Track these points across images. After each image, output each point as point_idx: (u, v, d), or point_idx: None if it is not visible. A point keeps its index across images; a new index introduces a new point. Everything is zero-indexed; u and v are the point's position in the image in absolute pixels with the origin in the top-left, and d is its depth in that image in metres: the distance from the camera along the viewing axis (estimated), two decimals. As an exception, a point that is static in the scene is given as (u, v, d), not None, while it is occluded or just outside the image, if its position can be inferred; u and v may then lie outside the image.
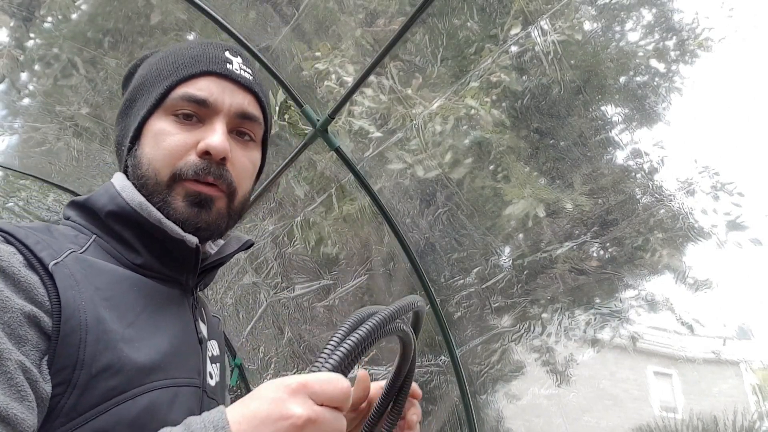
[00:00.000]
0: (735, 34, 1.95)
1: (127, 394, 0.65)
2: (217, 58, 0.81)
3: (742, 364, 2.13)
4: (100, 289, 0.68)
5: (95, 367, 0.63)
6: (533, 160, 2.42)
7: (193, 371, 0.76)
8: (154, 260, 0.77)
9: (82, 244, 0.73)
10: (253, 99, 0.83)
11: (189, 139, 0.77)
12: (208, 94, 0.78)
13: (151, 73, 0.82)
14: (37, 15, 2.92)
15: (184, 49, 0.82)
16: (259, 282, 3.38)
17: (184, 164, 0.76)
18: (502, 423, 2.69)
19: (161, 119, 0.78)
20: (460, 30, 2.36)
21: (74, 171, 3.54)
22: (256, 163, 0.85)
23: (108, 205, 0.77)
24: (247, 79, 0.82)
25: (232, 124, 0.80)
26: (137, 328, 0.69)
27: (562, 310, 2.38)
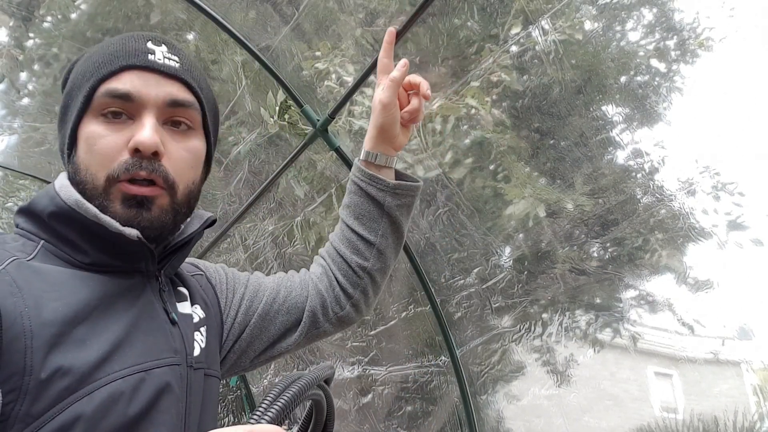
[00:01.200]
0: (736, 33, 1.95)
1: (81, 392, 0.65)
2: (138, 50, 0.78)
3: (742, 365, 2.13)
4: (47, 292, 0.68)
5: (44, 371, 0.63)
6: (534, 160, 2.42)
7: (165, 351, 0.76)
8: (103, 256, 0.76)
9: (30, 252, 0.73)
10: (183, 86, 0.80)
11: (119, 139, 0.76)
12: (131, 87, 0.76)
13: (77, 76, 0.80)
14: (37, 15, 2.92)
15: (105, 46, 0.80)
16: (259, 282, 3.37)
17: (117, 165, 0.75)
18: (503, 423, 2.68)
19: (91, 122, 0.77)
20: (461, 30, 2.36)
21: (74, 171, 3.53)
22: (196, 151, 0.83)
23: (48, 206, 0.76)
24: (172, 66, 0.79)
25: (163, 115, 0.78)
26: (89, 326, 0.69)
27: (562, 311, 2.37)
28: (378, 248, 1.06)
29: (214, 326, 0.95)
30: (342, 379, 3.18)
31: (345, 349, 3.18)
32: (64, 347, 0.66)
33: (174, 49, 0.82)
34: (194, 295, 0.93)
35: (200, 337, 0.87)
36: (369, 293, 1.09)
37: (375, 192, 1.06)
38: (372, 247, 1.06)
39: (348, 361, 3.15)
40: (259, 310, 1.02)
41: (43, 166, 3.60)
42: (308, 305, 1.04)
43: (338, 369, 3.19)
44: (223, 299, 1.01)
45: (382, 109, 1.03)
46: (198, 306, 0.92)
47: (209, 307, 0.95)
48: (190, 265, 1.02)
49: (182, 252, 0.86)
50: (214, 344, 0.93)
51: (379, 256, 1.07)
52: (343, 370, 3.17)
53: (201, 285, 0.98)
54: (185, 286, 0.93)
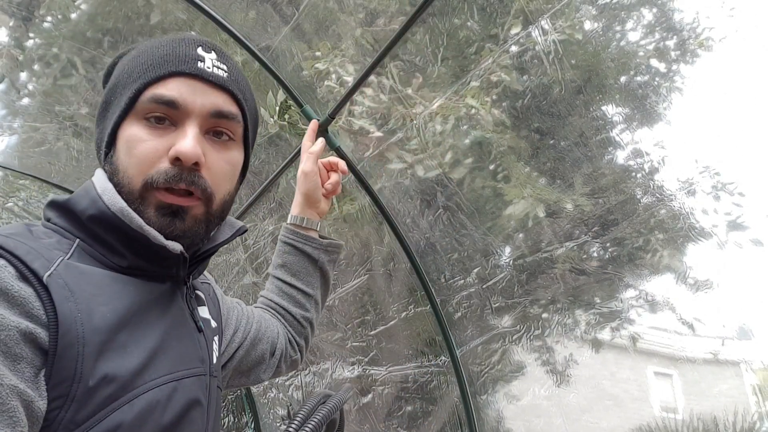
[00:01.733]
0: (736, 33, 1.94)
1: (122, 400, 0.65)
2: (188, 57, 0.77)
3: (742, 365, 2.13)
4: (96, 296, 0.67)
5: (93, 379, 0.63)
6: (534, 160, 2.42)
7: (194, 360, 0.77)
8: (141, 261, 0.75)
9: (66, 250, 0.71)
10: (229, 97, 0.79)
11: (160, 146, 0.74)
12: (178, 94, 0.75)
13: (123, 75, 0.79)
14: (37, 15, 2.92)
15: (155, 48, 0.79)
16: (259, 282, 3.37)
17: (156, 172, 0.74)
18: (503, 423, 2.68)
19: (133, 124, 0.76)
20: (461, 30, 2.36)
21: (74, 171, 3.53)
22: (235, 163, 0.82)
23: (89, 209, 0.74)
24: (220, 77, 0.78)
25: (206, 125, 0.77)
26: (130, 331, 0.69)
27: (562, 311, 2.37)
28: (315, 299, 1.21)
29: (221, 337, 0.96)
30: (342, 379, 3.18)
31: (345, 349, 3.18)
32: (110, 354, 0.65)
33: (223, 58, 0.81)
34: (208, 303, 0.93)
35: (215, 346, 0.87)
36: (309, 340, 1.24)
37: (310, 250, 1.20)
38: (311, 299, 1.20)
39: (348, 361, 3.15)
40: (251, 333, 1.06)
41: (43, 166, 3.60)
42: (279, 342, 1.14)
43: (338, 369, 3.19)
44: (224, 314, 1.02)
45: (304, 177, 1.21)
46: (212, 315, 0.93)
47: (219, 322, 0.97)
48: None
49: (208, 259, 0.86)
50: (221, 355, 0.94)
51: (315, 305, 1.22)
52: (343, 370, 3.17)
53: (209, 294, 0.98)
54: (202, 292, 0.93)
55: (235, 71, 0.82)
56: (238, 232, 0.87)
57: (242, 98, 0.81)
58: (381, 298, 3.01)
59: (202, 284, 0.99)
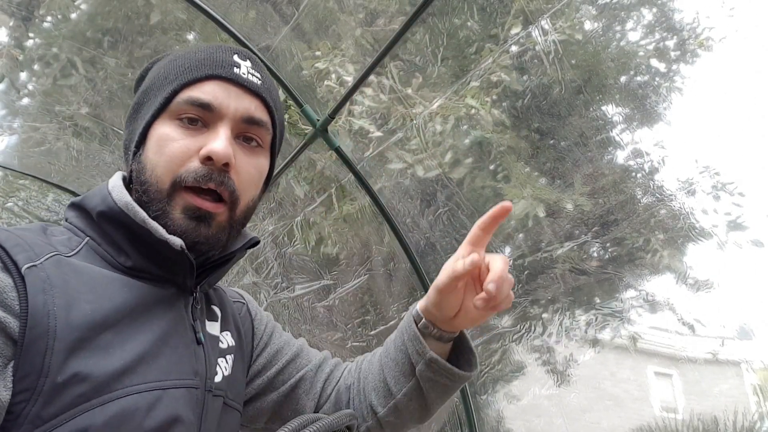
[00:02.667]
0: (736, 33, 1.94)
1: (94, 401, 0.63)
2: (224, 62, 0.79)
3: (742, 365, 2.12)
4: (81, 293, 0.67)
5: (62, 375, 0.62)
6: (533, 160, 2.42)
7: (187, 372, 0.74)
8: (144, 262, 0.75)
9: (74, 247, 0.72)
10: (261, 103, 0.80)
11: (192, 145, 0.75)
12: (213, 97, 0.76)
13: (159, 77, 0.80)
14: (37, 15, 2.92)
15: (192, 53, 0.80)
16: (259, 282, 3.37)
17: (185, 170, 0.74)
18: (503, 423, 2.68)
19: (166, 124, 0.77)
20: (461, 29, 2.36)
21: (74, 171, 3.53)
22: (262, 170, 0.83)
23: (99, 205, 0.75)
24: (255, 83, 0.80)
25: (237, 129, 0.78)
26: (117, 332, 0.68)
27: (562, 311, 2.37)
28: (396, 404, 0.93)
29: (243, 357, 0.93)
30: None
31: (345, 349, 3.18)
32: (87, 353, 0.64)
33: (257, 66, 0.83)
34: (227, 321, 0.91)
35: (225, 365, 0.84)
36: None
37: (412, 350, 0.89)
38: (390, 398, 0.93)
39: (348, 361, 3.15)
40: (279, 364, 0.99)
41: (43, 166, 3.60)
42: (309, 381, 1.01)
43: (338, 369, 3.19)
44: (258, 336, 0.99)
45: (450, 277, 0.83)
46: (229, 333, 0.90)
47: (242, 337, 0.94)
48: (234, 292, 1.01)
49: (221, 269, 0.85)
50: (240, 376, 0.91)
51: (395, 411, 0.93)
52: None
53: (240, 313, 0.97)
54: (220, 309, 0.91)
55: (268, 80, 0.84)
56: (249, 243, 0.85)
57: (273, 107, 0.83)
58: (381, 298, 3.01)
59: (234, 302, 0.97)
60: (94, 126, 3.15)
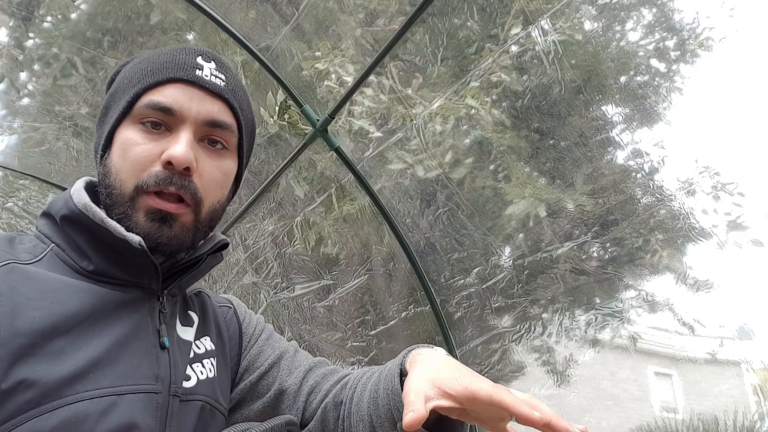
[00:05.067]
0: (735, 33, 1.94)
1: (43, 407, 0.63)
2: (186, 64, 0.78)
3: (742, 365, 2.12)
4: (31, 300, 0.67)
5: (7, 381, 0.62)
6: (534, 160, 2.42)
7: (146, 377, 0.73)
8: (107, 265, 0.75)
9: (37, 254, 0.73)
10: (224, 105, 0.80)
11: (154, 150, 0.75)
12: (173, 101, 0.76)
13: (123, 80, 0.80)
14: (37, 15, 2.92)
15: (155, 56, 0.80)
16: (259, 282, 3.37)
17: (147, 175, 0.74)
18: (503, 423, 2.68)
19: (129, 128, 0.77)
20: (461, 30, 2.36)
21: (74, 171, 3.53)
22: (227, 172, 0.82)
23: (61, 209, 0.76)
24: (218, 85, 0.79)
25: (200, 133, 0.78)
26: (71, 338, 0.67)
27: (562, 311, 2.37)
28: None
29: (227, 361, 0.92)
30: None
31: (345, 349, 3.18)
32: (35, 359, 0.64)
33: (222, 68, 0.82)
34: (208, 326, 0.90)
35: (200, 369, 0.83)
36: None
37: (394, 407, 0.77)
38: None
39: (348, 361, 3.15)
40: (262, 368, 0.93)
41: (43, 166, 3.60)
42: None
43: (338, 369, 3.19)
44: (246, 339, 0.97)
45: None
46: (209, 337, 0.88)
47: (224, 341, 0.92)
48: (222, 298, 1.00)
49: (191, 273, 0.84)
50: (224, 378, 0.89)
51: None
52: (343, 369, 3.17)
53: (225, 317, 0.96)
54: (201, 314, 0.90)
55: (233, 82, 0.82)
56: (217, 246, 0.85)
57: (238, 108, 0.81)
58: (381, 298, 3.01)
59: (220, 307, 0.96)
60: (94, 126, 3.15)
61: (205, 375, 0.83)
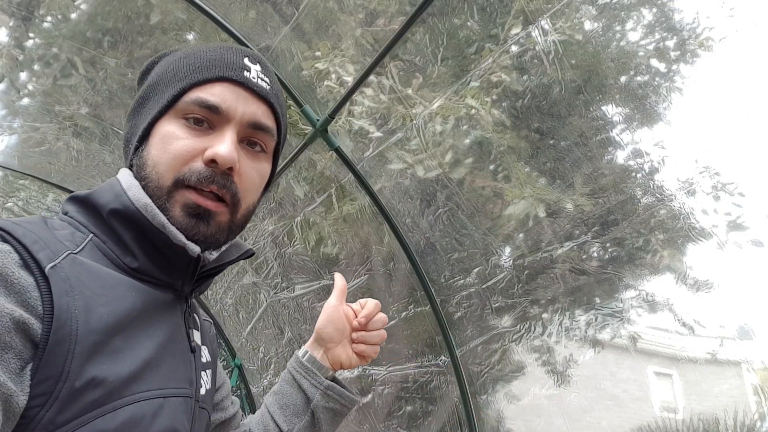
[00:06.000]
0: (735, 33, 1.94)
1: (107, 407, 0.62)
2: (235, 65, 0.78)
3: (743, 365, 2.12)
4: (97, 295, 0.65)
5: (80, 380, 0.60)
6: (534, 160, 2.42)
7: (184, 381, 0.74)
8: (150, 265, 0.74)
9: (78, 243, 0.70)
10: (268, 109, 0.80)
11: (197, 145, 0.74)
12: (221, 100, 0.75)
13: (167, 73, 0.79)
14: (37, 15, 2.92)
15: (203, 52, 0.79)
16: (259, 282, 3.37)
17: (188, 170, 0.73)
18: (503, 423, 2.68)
19: (171, 122, 0.76)
20: (461, 29, 2.36)
21: (74, 171, 3.53)
22: (264, 175, 0.83)
23: (112, 202, 0.73)
24: (264, 88, 0.79)
25: (243, 134, 0.78)
26: (126, 337, 0.67)
27: (562, 311, 2.37)
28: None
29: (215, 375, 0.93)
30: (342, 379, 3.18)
31: (345, 349, 3.17)
32: (101, 357, 0.63)
33: (267, 71, 0.82)
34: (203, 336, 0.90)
35: (206, 378, 0.84)
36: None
37: (307, 385, 1.02)
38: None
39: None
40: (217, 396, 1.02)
41: (42, 166, 3.60)
42: None
43: (338, 369, 3.19)
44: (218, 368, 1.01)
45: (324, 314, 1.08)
46: (206, 348, 0.90)
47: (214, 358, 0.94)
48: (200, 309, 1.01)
49: (211, 279, 0.84)
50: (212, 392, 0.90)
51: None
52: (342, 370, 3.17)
53: (210, 332, 0.97)
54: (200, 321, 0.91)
55: (276, 86, 0.83)
56: (244, 255, 0.85)
57: (280, 113, 0.82)
58: (381, 298, 3.00)
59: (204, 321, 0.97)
60: (94, 126, 3.15)
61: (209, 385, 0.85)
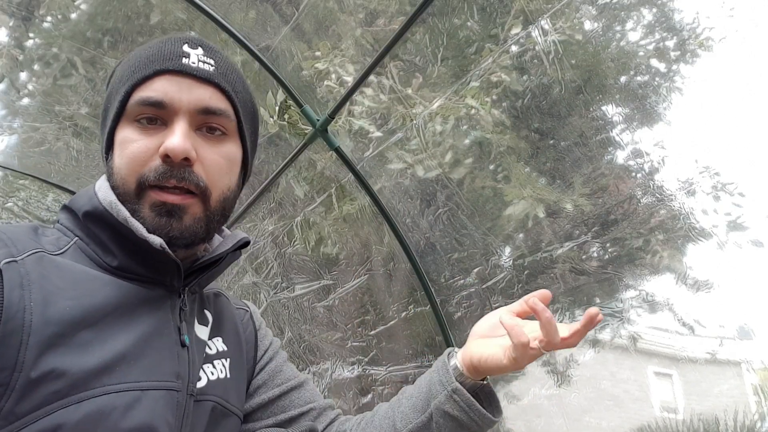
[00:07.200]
0: (735, 33, 1.94)
1: (69, 399, 0.62)
2: (172, 54, 0.76)
3: (743, 365, 2.12)
4: (62, 290, 0.67)
5: (36, 370, 0.61)
6: (533, 160, 2.42)
7: (168, 374, 0.73)
8: (130, 262, 0.74)
9: (61, 246, 0.73)
10: (216, 91, 0.78)
11: (151, 144, 0.74)
12: (163, 94, 0.74)
13: (116, 80, 0.80)
14: (37, 15, 2.92)
15: (142, 50, 0.79)
16: (259, 282, 3.37)
17: (147, 170, 0.74)
18: (503, 423, 2.68)
19: (126, 127, 0.76)
20: (461, 30, 2.36)
21: (74, 171, 3.53)
22: (231, 158, 0.80)
23: (85, 205, 0.76)
24: (206, 71, 0.77)
25: (196, 122, 0.76)
26: (97, 330, 0.67)
27: (562, 311, 2.37)
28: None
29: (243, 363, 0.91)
30: (342, 379, 3.18)
31: (345, 348, 3.18)
32: (64, 349, 0.64)
33: (210, 52, 0.80)
34: (221, 326, 0.89)
35: (211, 369, 0.83)
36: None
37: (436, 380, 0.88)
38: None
39: (348, 361, 3.15)
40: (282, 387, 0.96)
41: (43, 166, 3.60)
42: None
43: (338, 369, 3.19)
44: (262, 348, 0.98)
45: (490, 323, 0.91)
46: (221, 338, 0.88)
47: (242, 343, 0.92)
48: (239, 300, 1.00)
49: (212, 271, 0.83)
50: (240, 381, 0.89)
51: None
52: (343, 370, 3.17)
53: (242, 320, 0.96)
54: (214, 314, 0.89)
55: (223, 65, 0.80)
56: (239, 244, 0.84)
57: (231, 91, 0.79)
58: (381, 298, 3.01)
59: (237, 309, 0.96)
60: (94, 126, 3.15)
61: (216, 376, 0.83)
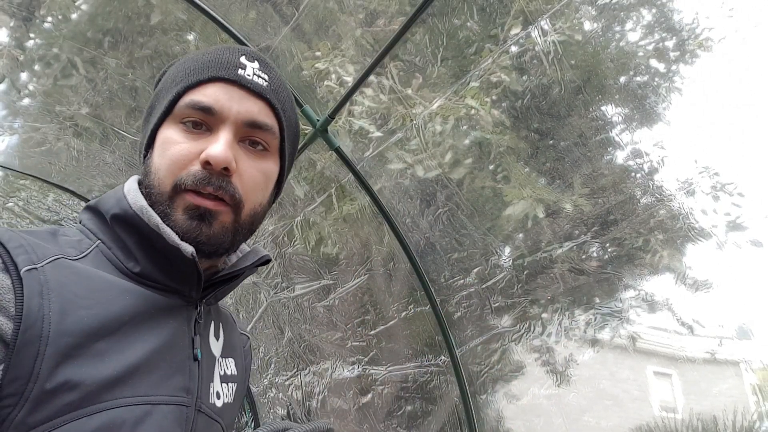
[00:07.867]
0: (735, 34, 1.95)
1: (82, 411, 0.62)
2: (229, 63, 0.77)
3: (742, 364, 2.13)
4: (80, 298, 0.66)
5: (51, 381, 0.61)
6: (533, 161, 2.42)
7: (178, 388, 0.72)
8: (153, 269, 0.74)
9: (83, 250, 0.72)
10: (266, 106, 0.78)
11: (193, 149, 0.74)
12: (214, 101, 0.75)
13: (167, 80, 0.80)
14: (37, 15, 2.92)
15: (200, 55, 0.79)
16: (259, 282, 3.38)
17: (186, 174, 0.73)
18: (502, 423, 2.69)
19: (170, 127, 0.76)
20: (460, 30, 2.36)
21: (74, 171, 3.54)
22: (269, 174, 0.81)
23: (113, 207, 0.75)
24: (260, 85, 0.77)
25: (241, 134, 0.77)
26: (113, 340, 0.66)
27: (562, 310, 2.38)
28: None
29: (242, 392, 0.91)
30: (342, 379, 3.19)
31: (345, 348, 3.18)
32: (80, 360, 0.63)
33: (266, 68, 0.80)
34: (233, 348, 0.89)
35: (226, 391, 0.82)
36: None
37: None
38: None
39: (348, 360, 3.15)
40: None
41: (43, 166, 3.60)
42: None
43: (338, 369, 3.19)
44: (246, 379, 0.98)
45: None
46: (233, 361, 0.88)
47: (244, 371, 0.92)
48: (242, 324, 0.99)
49: (229, 285, 0.83)
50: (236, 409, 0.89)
51: None
52: (343, 369, 3.17)
53: (244, 347, 0.96)
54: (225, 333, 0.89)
55: (276, 82, 0.81)
56: (260, 261, 0.83)
57: (280, 109, 0.80)
58: (381, 298, 3.01)
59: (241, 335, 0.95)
60: (95, 126, 3.15)
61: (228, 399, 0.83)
